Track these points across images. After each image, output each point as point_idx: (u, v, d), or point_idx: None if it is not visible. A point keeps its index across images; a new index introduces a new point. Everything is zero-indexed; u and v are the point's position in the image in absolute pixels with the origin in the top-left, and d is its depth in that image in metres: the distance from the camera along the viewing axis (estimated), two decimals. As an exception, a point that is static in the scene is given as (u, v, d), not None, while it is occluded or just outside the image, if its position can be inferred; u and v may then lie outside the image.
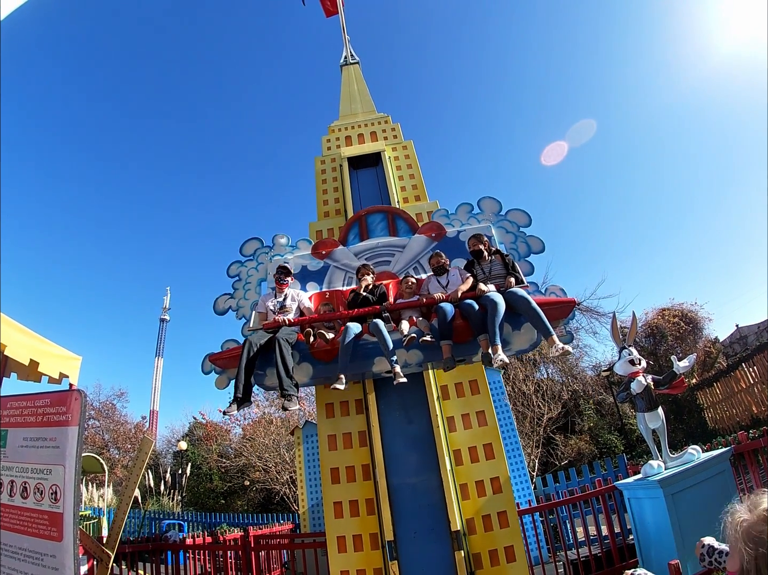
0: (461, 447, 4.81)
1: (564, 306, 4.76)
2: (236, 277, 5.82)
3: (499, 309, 4.21)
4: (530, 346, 4.60)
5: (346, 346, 4.40)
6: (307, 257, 5.79)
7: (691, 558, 2.39)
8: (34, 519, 3.11)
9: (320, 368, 4.67)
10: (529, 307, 4.27)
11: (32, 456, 3.25)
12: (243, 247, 5.99)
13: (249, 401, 4.47)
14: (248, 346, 4.45)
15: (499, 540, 4.43)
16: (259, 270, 5.84)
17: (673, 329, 21.63)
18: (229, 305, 5.63)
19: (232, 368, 4.79)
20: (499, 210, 5.75)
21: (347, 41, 9.35)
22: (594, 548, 6.44)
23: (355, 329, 4.52)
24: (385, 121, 7.36)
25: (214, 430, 27.84)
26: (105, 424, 32.88)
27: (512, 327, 4.47)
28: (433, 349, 4.46)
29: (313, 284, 5.63)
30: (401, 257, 5.64)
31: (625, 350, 5.80)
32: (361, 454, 4.85)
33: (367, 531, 4.55)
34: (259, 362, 4.56)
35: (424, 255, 5.53)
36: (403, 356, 4.54)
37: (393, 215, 5.97)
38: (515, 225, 5.61)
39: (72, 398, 3.25)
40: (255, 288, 5.73)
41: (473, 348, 4.53)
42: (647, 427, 5.62)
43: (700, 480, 5.07)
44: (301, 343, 4.69)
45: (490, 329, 4.17)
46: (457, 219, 5.82)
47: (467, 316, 4.41)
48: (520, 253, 5.41)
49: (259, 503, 23.33)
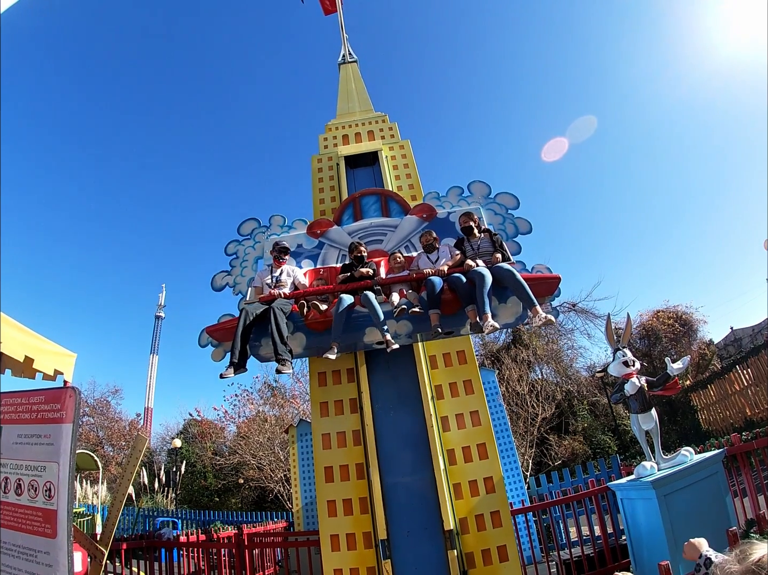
0: (455, 447, 4.82)
1: (550, 282, 4.92)
2: (233, 255, 6.02)
3: (486, 281, 4.41)
4: (516, 319, 4.77)
5: (339, 314, 4.56)
6: (302, 237, 5.95)
7: (683, 559, 2.40)
8: (28, 516, 3.11)
9: (313, 339, 4.84)
10: (514, 279, 4.45)
11: (26, 452, 3.24)
12: (240, 227, 6.18)
13: (245, 367, 4.64)
14: (245, 315, 4.65)
15: (492, 539, 4.45)
16: (255, 248, 6.04)
17: (668, 331, 21.74)
18: (226, 282, 5.85)
19: (228, 341, 4.92)
20: (489, 193, 5.96)
21: (345, 39, 9.35)
22: (587, 548, 6.47)
23: (348, 300, 4.68)
24: (383, 120, 7.35)
25: (208, 428, 27.86)
26: (99, 421, 32.84)
27: (498, 300, 4.64)
28: (422, 320, 4.63)
29: (307, 261, 5.80)
30: (393, 236, 5.80)
31: (620, 352, 5.82)
32: (355, 453, 4.86)
33: (361, 529, 4.55)
34: (254, 332, 4.74)
35: (415, 235, 5.70)
36: (394, 327, 4.72)
37: (386, 197, 6.15)
38: (503, 207, 5.82)
39: (66, 395, 3.24)
40: (252, 265, 5.94)
41: (461, 320, 4.70)
42: (640, 428, 5.64)
43: (693, 481, 5.09)
44: (295, 314, 4.83)
45: (479, 300, 4.36)
46: (448, 201, 6.02)
47: (455, 288, 4.61)
48: (508, 233, 5.61)
49: (253, 501, 23.37)
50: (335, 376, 5.23)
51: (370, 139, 7.13)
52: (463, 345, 5.26)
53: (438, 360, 5.20)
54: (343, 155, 6.77)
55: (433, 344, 5.27)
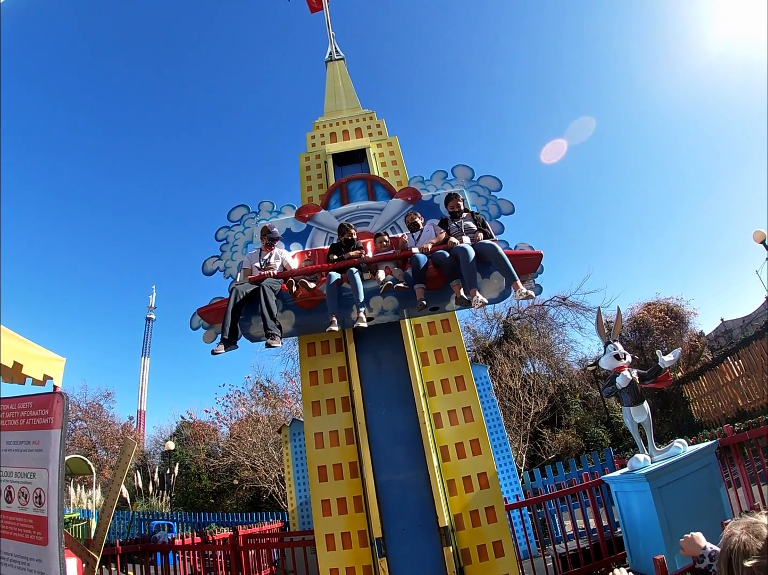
0: (448, 443, 4.82)
1: (532, 258, 5.04)
2: (224, 240, 6.12)
3: (469, 255, 4.52)
4: (499, 295, 4.92)
5: (331, 288, 4.71)
6: (290, 221, 6.06)
7: (678, 550, 2.42)
8: (19, 524, 3.08)
9: (302, 316, 4.98)
10: (496, 253, 4.59)
11: (16, 459, 3.21)
12: (230, 213, 6.28)
13: (235, 344, 4.79)
14: (235, 293, 4.78)
15: (488, 535, 4.45)
16: (245, 234, 6.15)
17: (659, 324, 21.85)
18: (216, 266, 5.96)
19: (219, 323, 4.99)
20: (472, 176, 6.09)
21: (332, 37, 9.31)
22: (582, 541, 6.51)
23: (336, 276, 4.81)
24: (370, 118, 7.33)
25: (201, 429, 27.73)
26: (92, 425, 32.59)
27: (482, 275, 4.73)
28: (408, 296, 4.72)
29: (296, 244, 5.91)
30: (379, 218, 5.93)
31: (611, 345, 5.85)
32: (348, 452, 4.84)
33: (356, 528, 4.54)
34: (244, 312, 4.86)
35: (400, 217, 5.84)
36: (380, 303, 4.86)
37: (372, 182, 6.30)
38: (487, 190, 5.96)
39: (54, 400, 3.22)
40: (242, 250, 6.04)
41: (446, 295, 4.83)
42: (633, 421, 5.67)
43: (687, 473, 5.13)
44: (285, 293, 4.95)
45: (466, 275, 4.51)
46: (432, 185, 6.16)
47: (439, 264, 4.72)
48: (491, 214, 5.76)
49: (248, 502, 23.28)
50: (327, 374, 5.21)
51: (357, 137, 7.11)
52: (454, 341, 5.26)
53: (429, 357, 5.20)
54: (331, 153, 6.75)
55: (425, 341, 5.28)
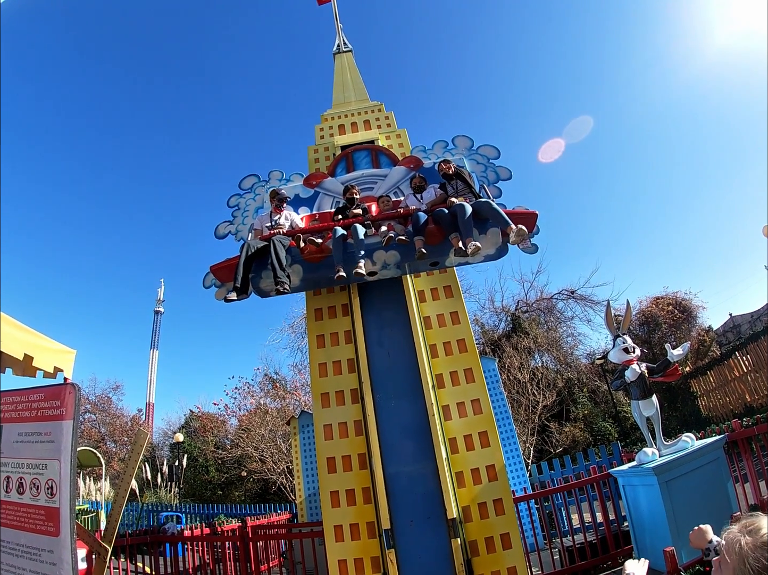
0: (456, 436, 4.81)
1: (528, 217, 5.19)
2: (235, 207, 6.39)
3: (467, 211, 4.83)
4: (497, 251, 5.11)
5: (337, 241, 4.94)
6: (299, 187, 6.32)
7: (686, 544, 2.42)
8: (30, 515, 3.11)
9: (310, 271, 5.22)
10: (490, 207, 4.91)
11: (27, 451, 3.23)
12: (242, 182, 6.53)
13: (246, 293, 5.09)
14: (246, 247, 5.05)
15: (495, 527, 4.45)
16: (256, 200, 6.43)
17: (667, 318, 21.77)
18: (228, 230, 6.22)
19: (230, 282, 5.17)
20: (471, 146, 6.31)
21: (340, 29, 9.26)
22: (589, 534, 6.50)
23: (341, 230, 5.05)
24: (379, 110, 7.29)
25: (210, 421, 27.89)
26: (101, 417, 32.91)
27: (479, 232, 4.94)
28: (409, 250, 4.95)
29: (304, 208, 6.18)
30: (383, 184, 6.21)
31: (620, 339, 5.83)
32: (356, 443, 4.85)
33: (364, 519, 4.55)
34: (254, 267, 5.12)
35: (403, 182, 6.11)
36: (383, 257, 5.06)
37: (376, 152, 6.55)
38: (485, 158, 6.20)
39: (66, 392, 3.23)
40: (252, 215, 6.29)
41: (445, 250, 5.05)
42: (641, 415, 5.66)
43: (694, 467, 5.11)
44: (294, 249, 5.17)
45: (463, 228, 4.78)
46: (434, 153, 6.38)
47: (438, 220, 4.98)
48: (489, 180, 6.00)
49: (257, 493, 23.42)
50: (336, 366, 5.22)
51: (366, 129, 7.09)
52: (464, 333, 5.26)
53: (438, 349, 5.19)
54: (339, 145, 6.75)
55: (434, 333, 5.27)
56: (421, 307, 5.39)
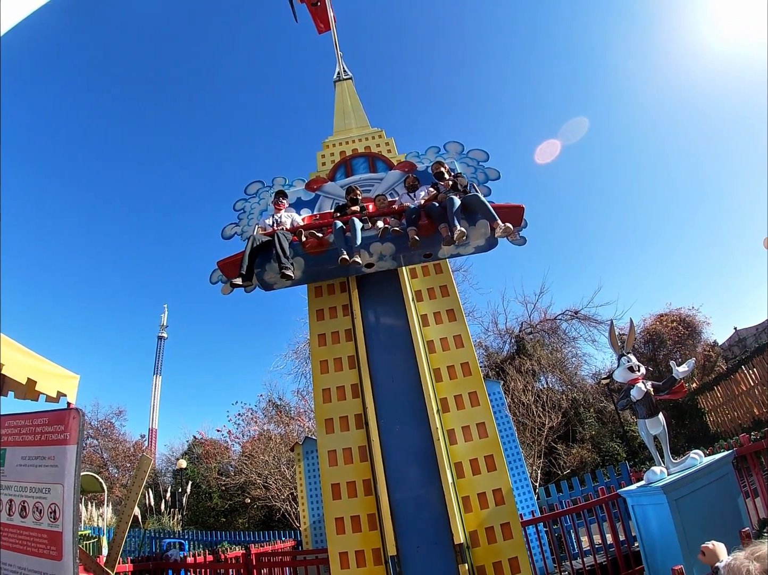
0: (462, 460, 4.78)
1: (515, 210, 5.59)
2: (241, 210, 6.75)
3: (455, 203, 5.15)
4: (486, 242, 5.49)
5: (338, 232, 5.27)
6: (301, 191, 6.72)
7: (697, 562, 2.38)
8: (33, 538, 3.08)
9: (312, 264, 5.49)
10: (478, 200, 5.25)
11: (31, 474, 3.22)
12: (247, 188, 6.92)
13: (251, 282, 5.50)
14: (252, 240, 5.46)
15: (504, 551, 4.39)
16: (260, 204, 6.79)
17: (672, 334, 21.66)
18: (234, 232, 6.52)
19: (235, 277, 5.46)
20: (462, 150, 6.69)
21: (340, 57, 9.46)
22: (599, 556, 6.41)
23: (340, 224, 5.36)
24: (379, 136, 7.41)
25: (213, 448, 27.66)
26: (104, 443, 32.64)
27: (468, 223, 5.24)
28: (404, 242, 5.25)
29: (305, 210, 6.54)
30: (379, 186, 6.58)
31: (624, 358, 5.81)
32: (361, 469, 4.81)
33: (370, 546, 4.50)
34: (259, 260, 5.43)
35: (398, 184, 6.50)
36: (379, 249, 5.36)
37: (373, 158, 7.01)
38: (475, 161, 6.58)
39: (70, 416, 3.24)
40: (257, 217, 6.65)
41: (437, 241, 5.30)
42: (648, 433, 5.61)
43: (704, 484, 5.05)
44: (296, 243, 5.43)
45: (450, 218, 5.07)
46: (427, 158, 6.78)
47: (430, 214, 5.33)
48: (479, 180, 6.34)
49: (261, 520, 23.10)
50: (340, 391, 5.21)
51: (367, 155, 7.21)
52: (467, 357, 5.26)
53: (443, 373, 5.19)
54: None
55: (438, 357, 5.28)
56: (425, 331, 5.41)
